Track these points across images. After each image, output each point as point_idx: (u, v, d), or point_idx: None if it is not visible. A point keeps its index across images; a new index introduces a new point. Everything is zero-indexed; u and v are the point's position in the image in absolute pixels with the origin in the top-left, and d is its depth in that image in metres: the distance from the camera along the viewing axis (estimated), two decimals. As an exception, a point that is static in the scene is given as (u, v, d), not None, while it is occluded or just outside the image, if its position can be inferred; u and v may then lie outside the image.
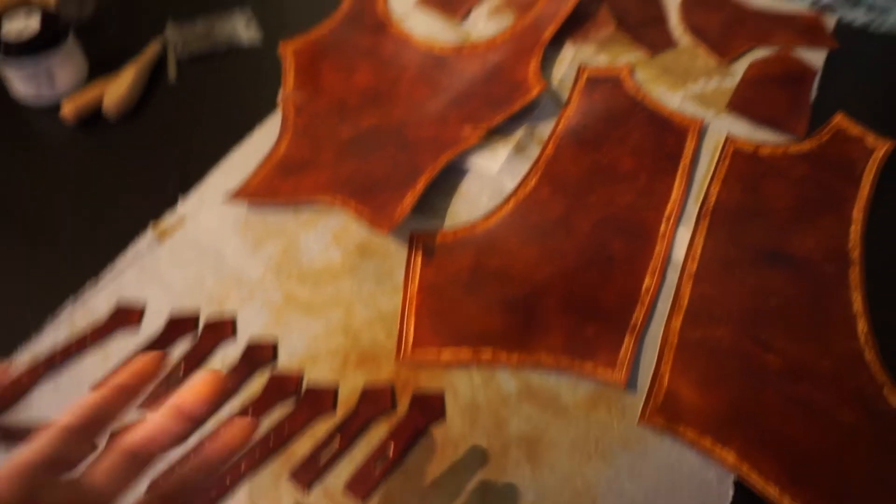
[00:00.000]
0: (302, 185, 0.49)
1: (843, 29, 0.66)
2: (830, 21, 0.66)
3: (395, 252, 0.47)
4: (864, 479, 0.38)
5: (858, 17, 0.66)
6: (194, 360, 0.42)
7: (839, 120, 0.55)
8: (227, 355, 0.42)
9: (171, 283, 0.45)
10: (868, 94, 0.60)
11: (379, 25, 0.64)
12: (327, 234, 0.48)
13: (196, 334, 0.43)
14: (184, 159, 0.53)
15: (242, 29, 0.63)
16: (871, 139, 0.53)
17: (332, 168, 0.51)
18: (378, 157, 0.51)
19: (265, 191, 0.49)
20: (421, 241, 0.47)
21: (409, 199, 0.46)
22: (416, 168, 0.49)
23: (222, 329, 0.43)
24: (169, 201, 0.49)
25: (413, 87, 0.58)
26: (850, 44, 0.64)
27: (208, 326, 0.43)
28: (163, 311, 0.44)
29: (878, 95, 0.60)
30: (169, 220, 0.48)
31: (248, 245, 0.47)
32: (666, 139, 0.54)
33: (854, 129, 0.54)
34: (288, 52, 0.60)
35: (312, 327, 0.44)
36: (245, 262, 0.47)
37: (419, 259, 0.46)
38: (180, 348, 0.42)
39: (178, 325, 0.43)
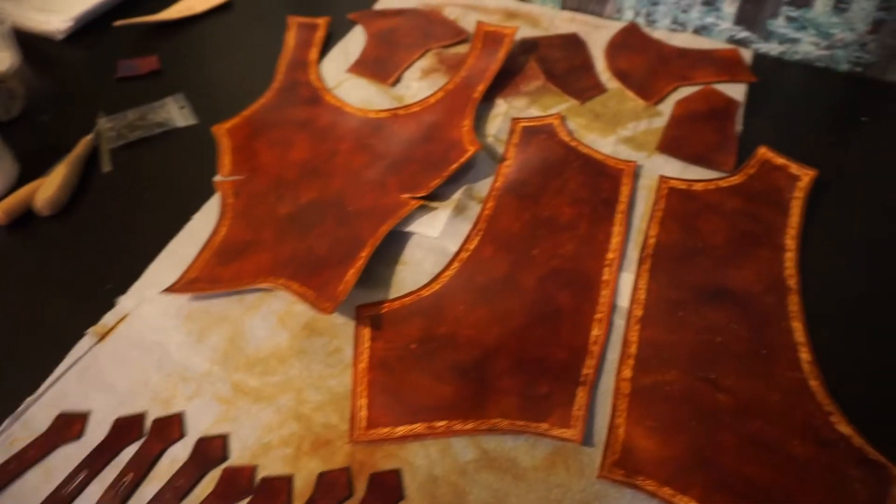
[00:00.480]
0: (243, 270, 0.49)
1: (759, 60, 0.69)
2: (747, 54, 0.69)
3: (342, 329, 0.47)
4: (822, 511, 0.38)
5: (773, 48, 0.69)
6: (142, 466, 0.40)
7: (763, 152, 0.57)
8: (175, 456, 0.41)
9: (115, 385, 0.44)
10: (788, 122, 0.62)
11: (313, 97, 0.64)
12: (272, 318, 0.48)
13: (143, 438, 0.42)
14: (122, 253, 0.52)
15: (177, 114, 0.63)
16: (794, 168, 0.55)
17: (272, 249, 0.50)
18: (318, 233, 0.51)
19: (206, 280, 0.49)
20: (367, 314, 0.47)
21: (352, 275, 0.46)
22: (356, 241, 0.50)
23: (170, 429, 0.42)
24: (108, 299, 0.49)
25: (350, 156, 0.58)
26: (767, 75, 0.66)
27: (155, 428, 0.42)
28: (107, 416, 0.43)
29: (797, 122, 0.62)
30: (109, 318, 0.47)
31: (192, 337, 0.47)
32: (602, 185, 0.56)
33: (778, 159, 0.56)
34: (222, 134, 0.60)
35: (263, 417, 0.43)
36: (190, 355, 0.46)
37: (367, 334, 0.46)
38: (127, 453, 0.41)
39: (123, 431, 0.42)
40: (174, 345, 0.46)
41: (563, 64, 0.68)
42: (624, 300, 0.48)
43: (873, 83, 0.66)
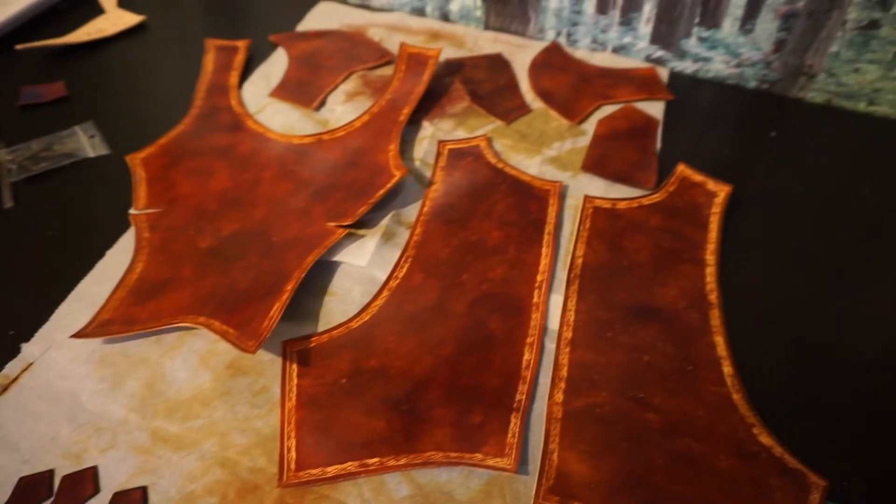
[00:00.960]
0: (162, 308, 0.47)
1: (675, 78, 0.71)
2: (664, 73, 0.71)
3: (269, 366, 0.45)
4: (750, 522, 0.39)
5: (687, 66, 0.72)
6: (51, 529, 0.38)
7: (682, 169, 0.58)
8: (89, 516, 0.38)
9: (19, 443, 0.41)
10: (704, 138, 0.65)
11: (234, 123, 0.62)
12: (194, 359, 0.45)
13: (51, 498, 0.39)
14: (26, 296, 0.49)
15: (86, 144, 0.60)
16: (711, 184, 0.57)
17: (193, 285, 0.48)
18: (241, 267, 0.49)
19: (121, 321, 0.46)
20: (294, 350, 0.46)
21: (277, 310, 0.45)
22: (282, 273, 0.48)
23: (82, 486, 0.39)
24: (11, 346, 0.45)
25: (274, 184, 0.57)
26: (683, 92, 0.69)
27: (65, 486, 0.39)
28: (10, 477, 0.39)
29: (712, 139, 0.65)
30: (12, 367, 0.44)
31: (106, 384, 0.44)
32: (530, 206, 0.56)
33: (696, 176, 0.58)
34: (136, 163, 0.57)
35: (185, 465, 0.40)
36: (105, 403, 0.43)
37: (294, 370, 0.45)
38: (34, 517, 0.38)
39: (27, 491, 0.39)
40: (86, 393, 0.43)
41: (488, 84, 0.68)
42: (554, 322, 0.48)
43: (780, 99, 0.70)
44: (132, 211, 0.54)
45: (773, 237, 0.56)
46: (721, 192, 0.56)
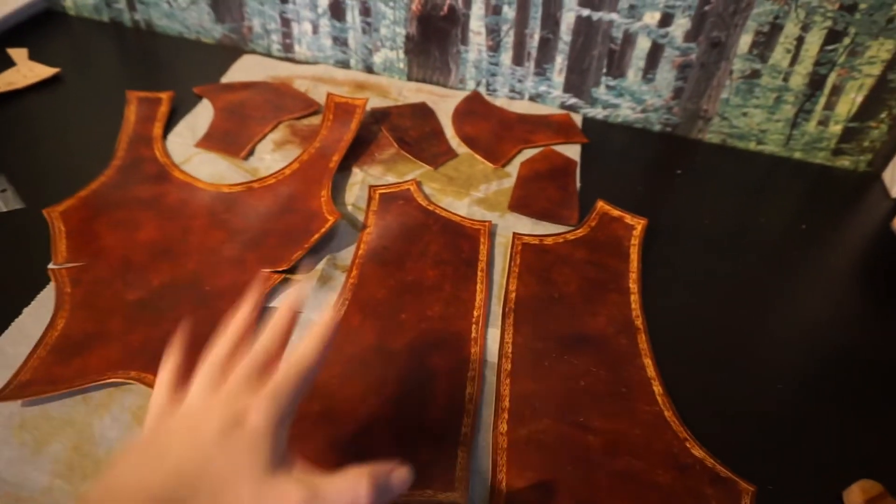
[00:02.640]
0: (88, 365, 0.44)
1: (589, 123, 0.77)
2: (578, 118, 0.77)
3: (207, 418, 0.44)
4: (690, 534, 0.41)
5: (598, 112, 0.77)
6: None
7: (600, 205, 0.62)
8: None
9: (-73, 522, 0.37)
10: (618, 176, 0.70)
11: (159, 173, 0.61)
12: (126, 416, 0.43)
13: (-34, 579, 0.35)
14: (-67, 361, 0.45)
15: (-3, 198, 0.57)
16: (629, 218, 0.61)
17: (121, 339, 0.46)
18: (174, 318, 0.48)
19: (42, 381, 0.43)
20: (234, 399, 0.44)
21: (214, 359, 0.44)
22: (216, 324, 0.47)
23: (2, 563, 0.36)
24: (-84, 418, 0.42)
25: (205, 234, 0.56)
26: (596, 136, 0.74)
27: (-17, 564, 0.36)
28: (-83, 561, 0.36)
29: (626, 177, 0.70)
30: (-83, 441, 0.41)
31: (27, 450, 0.41)
32: (462, 245, 0.58)
33: (614, 211, 0.62)
34: (55, 217, 0.55)
35: (120, 529, 0.38)
36: (26, 470, 0.40)
37: (235, 420, 0.43)
38: None
39: (-61, 575, 0.35)
40: (4, 460, 0.40)
41: (413, 132, 0.71)
42: (493, 355, 0.50)
43: (682, 140, 0.76)
44: (52, 265, 0.52)
45: (686, 264, 0.60)
46: (638, 225, 0.60)
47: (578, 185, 0.67)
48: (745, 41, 0.68)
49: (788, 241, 0.64)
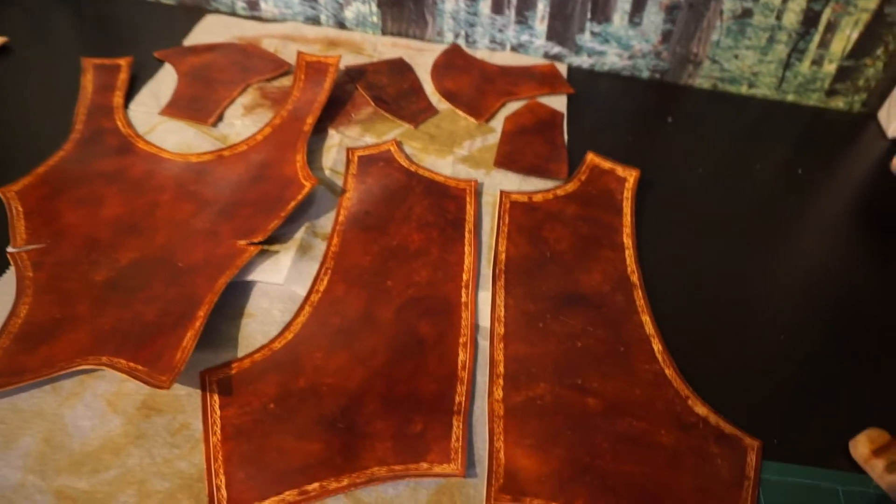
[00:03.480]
0: (55, 353, 0.42)
1: (574, 73, 0.73)
2: (563, 68, 0.73)
3: (187, 401, 0.41)
4: (690, 491, 0.39)
5: (584, 60, 0.74)
6: None
7: (591, 158, 0.60)
8: None
9: None
10: (607, 127, 0.67)
11: (122, 146, 0.58)
12: (99, 403, 0.41)
13: (-63, 585, 0.33)
14: None
15: (-52, 179, 0.53)
16: (620, 170, 0.59)
17: (90, 323, 0.44)
18: (145, 297, 0.45)
19: (7, 373, 0.41)
20: (214, 379, 0.42)
21: (190, 339, 0.41)
22: (191, 300, 0.44)
23: (-25, 565, 0.34)
24: None
25: (174, 206, 0.52)
26: (583, 86, 0.71)
27: (-46, 568, 0.34)
28: None
29: (615, 127, 0.67)
30: None
31: (-5, 444, 0.39)
32: (447, 206, 0.55)
33: (605, 163, 0.59)
34: (11, 197, 0.52)
35: (100, 523, 0.36)
36: (-5, 466, 0.38)
37: (216, 401, 0.41)
38: None
39: None
40: (-29, 459, 0.38)
41: (391, 89, 0.67)
42: (485, 320, 0.48)
43: (672, 87, 0.73)
44: (10, 249, 0.48)
45: (681, 215, 0.58)
46: (630, 176, 0.58)
47: (566, 137, 0.64)
48: (735, -23, 0.65)
49: (785, 187, 0.62)
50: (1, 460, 0.38)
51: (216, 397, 0.41)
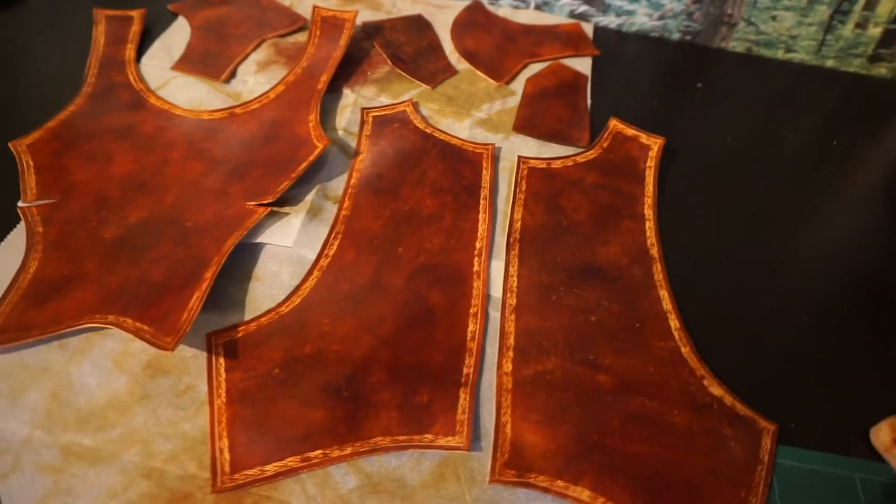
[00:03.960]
0: (63, 310, 0.42)
1: (600, 33, 0.70)
2: (589, 28, 0.70)
3: (192, 362, 0.41)
4: (702, 473, 0.38)
5: (611, 20, 0.71)
6: (-52, 571, 0.33)
7: (614, 124, 0.57)
8: (-7, 550, 0.34)
9: None
10: (633, 92, 0.64)
11: (134, 101, 0.57)
12: (106, 362, 0.41)
13: (-54, 535, 0.34)
14: None
15: (-41, 131, 0.53)
16: (644, 138, 0.56)
17: (98, 281, 0.43)
18: (153, 257, 0.45)
19: (16, 328, 0.41)
20: (220, 342, 0.42)
21: (196, 301, 0.41)
22: (199, 260, 0.44)
23: (-17, 517, 0.35)
24: None
25: (184, 165, 0.52)
26: (609, 47, 0.68)
27: (-38, 520, 0.34)
28: None
29: (641, 92, 0.64)
30: None
31: (3, 400, 0.39)
32: (463, 171, 0.54)
33: (628, 130, 0.57)
34: (22, 151, 0.51)
35: (104, 480, 0.36)
36: (3, 421, 0.38)
37: (222, 364, 0.41)
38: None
39: (-83, 531, 0.34)
40: (-20, 412, 0.38)
41: (409, 48, 0.64)
42: (497, 290, 0.46)
43: (703, 50, 0.70)
44: (21, 204, 0.48)
45: (705, 187, 0.55)
46: (654, 144, 0.55)
47: (589, 102, 0.61)
48: (778, -68, 0.61)
49: (818, 159, 0.59)
50: (9, 415, 0.38)
51: (222, 360, 0.41)
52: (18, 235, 0.47)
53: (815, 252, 0.51)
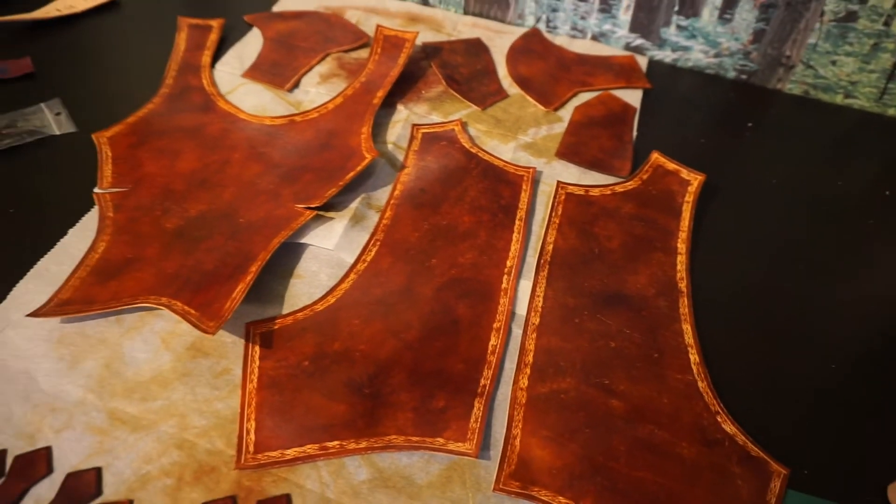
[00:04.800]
0: (123, 288, 0.46)
1: (654, 67, 0.71)
2: (643, 61, 0.71)
3: (231, 348, 0.44)
4: (710, 509, 0.39)
5: (666, 55, 0.71)
6: (1, 510, 0.37)
7: (656, 157, 0.58)
8: (40, 496, 0.37)
9: (-29, 423, 0.40)
10: (681, 126, 0.64)
11: (205, 103, 0.61)
12: (155, 339, 0.45)
13: (2, 478, 0.38)
14: (-15, 274, 0.48)
15: (52, 121, 0.58)
16: (685, 173, 0.57)
17: (156, 265, 0.47)
18: (207, 248, 0.48)
19: (80, 301, 0.45)
20: (258, 332, 0.45)
21: (240, 291, 0.44)
22: (247, 255, 0.47)
23: (35, 466, 0.38)
24: (-34, 326, 0.44)
25: (243, 165, 0.56)
26: (662, 81, 0.69)
27: (17, 466, 0.38)
28: (-39, 457, 0.39)
29: (689, 127, 0.65)
30: (-34, 348, 0.43)
31: (64, 364, 0.43)
32: (502, 191, 0.56)
33: (670, 164, 0.57)
34: (103, 142, 0.56)
35: (142, 446, 0.40)
36: (62, 383, 0.42)
37: (257, 352, 0.44)
38: (-16, 498, 0.37)
39: (-21, 472, 0.38)
40: (43, 373, 0.43)
41: (464, 69, 0.67)
42: (522, 308, 0.48)
43: (758, 90, 0.70)
44: (97, 190, 0.53)
45: (744, 227, 0.56)
46: (695, 180, 0.56)
47: (635, 134, 0.62)
48: (841, -22, 0.60)
49: (867, 207, 0.58)
50: (67, 377, 0.42)
51: (257, 348, 0.44)
52: (91, 218, 0.52)
53: (851, 300, 0.51)
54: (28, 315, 0.44)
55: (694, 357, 0.45)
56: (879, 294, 0.52)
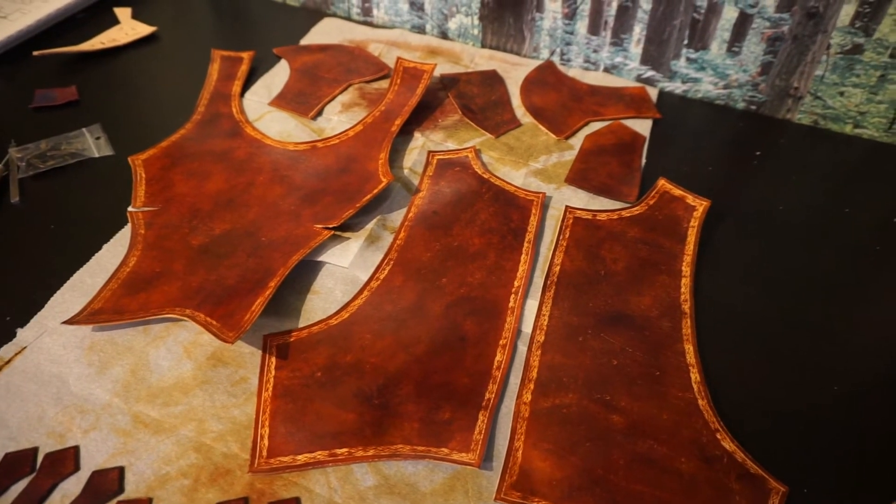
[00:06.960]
0: (151, 300, 0.49)
1: (665, 98, 0.73)
2: (654, 92, 0.73)
3: (249, 358, 0.47)
4: (708, 525, 0.40)
5: (677, 86, 0.74)
6: (30, 502, 0.39)
7: (662, 183, 0.60)
8: (67, 491, 0.40)
9: (7, 420, 0.43)
10: (689, 155, 0.66)
11: (233, 129, 0.65)
12: (178, 349, 0.47)
13: (33, 473, 0.40)
14: (25, 284, 0.51)
15: (92, 145, 0.63)
16: (690, 199, 0.58)
17: (182, 279, 0.50)
18: (229, 264, 0.51)
19: (111, 311, 0.48)
20: (274, 343, 0.47)
21: (259, 305, 0.47)
22: (267, 271, 0.50)
23: (63, 463, 0.41)
24: (7, 331, 0.47)
25: (267, 187, 0.59)
26: (672, 111, 0.71)
27: (47, 462, 0.41)
28: (-4, 453, 0.41)
29: (697, 156, 0.66)
30: (6, 350, 0.46)
31: (93, 369, 0.46)
32: (512, 215, 0.58)
33: (676, 190, 0.59)
34: (138, 164, 0.60)
35: (162, 448, 0.42)
36: (90, 387, 0.45)
37: (273, 363, 0.46)
38: (15, 490, 0.40)
39: (12, 466, 0.41)
40: (74, 377, 0.45)
41: (480, 99, 0.70)
42: (528, 326, 0.50)
43: (767, 120, 0.71)
44: (130, 208, 0.57)
45: (749, 252, 0.57)
46: (700, 206, 0.58)
47: (643, 161, 0.64)
48: (846, 12, 0.62)
49: (873, 237, 0.59)
50: (96, 382, 0.45)
51: (273, 359, 0.46)
52: (124, 235, 0.55)
53: (855, 325, 0.51)
54: (63, 323, 0.48)
55: (695, 376, 0.46)
56: (882, 322, 0.52)
